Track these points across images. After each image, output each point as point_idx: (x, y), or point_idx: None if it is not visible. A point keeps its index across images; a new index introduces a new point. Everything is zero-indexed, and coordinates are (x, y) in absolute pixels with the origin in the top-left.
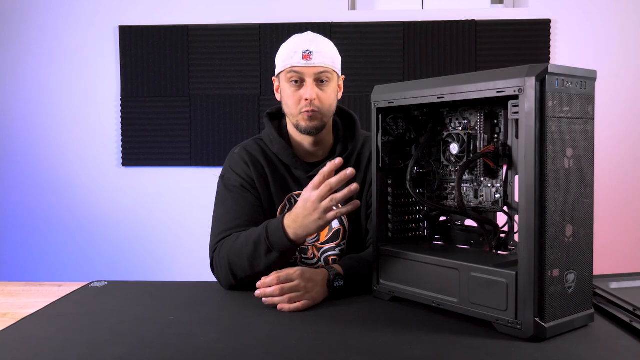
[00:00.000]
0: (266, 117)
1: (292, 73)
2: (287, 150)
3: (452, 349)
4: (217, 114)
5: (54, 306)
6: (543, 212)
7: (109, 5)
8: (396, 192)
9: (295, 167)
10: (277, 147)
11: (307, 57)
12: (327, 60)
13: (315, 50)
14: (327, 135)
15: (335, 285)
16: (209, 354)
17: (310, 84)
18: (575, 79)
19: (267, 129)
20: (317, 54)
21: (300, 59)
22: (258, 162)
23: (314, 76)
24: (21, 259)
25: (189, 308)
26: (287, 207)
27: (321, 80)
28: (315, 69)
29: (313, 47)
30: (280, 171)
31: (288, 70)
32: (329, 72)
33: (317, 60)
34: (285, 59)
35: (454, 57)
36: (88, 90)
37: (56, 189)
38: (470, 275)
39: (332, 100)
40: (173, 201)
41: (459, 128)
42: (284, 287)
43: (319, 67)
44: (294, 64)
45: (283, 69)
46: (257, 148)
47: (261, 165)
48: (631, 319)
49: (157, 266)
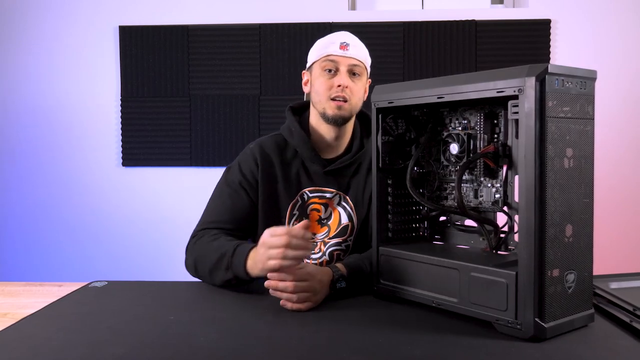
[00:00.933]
0: (288, 110)
1: (327, 62)
2: (307, 142)
3: (452, 349)
4: (217, 114)
5: (54, 306)
6: (543, 212)
7: (109, 5)
8: (396, 192)
9: (312, 160)
10: (296, 139)
11: (344, 48)
12: (361, 54)
13: (352, 44)
14: (348, 130)
15: (338, 286)
16: (209, 354)
17: (344, 73)
18: (575, 79)
19: (287, 121)
20: (354, 47)
21: (337, 49)
22: (269, 160)
23: (348, 66)
24: (21, 259)
25: (189, 308)
26: (299, 203)
27: (354, 72)
28: (350, 60)
29: (350, 40)
30: (294, 169)
31: (323, 59)
32: (362, 67)
33: (352, 52)
34: (321, 48)
35: (454, 57)
36: (88, 90)
37: (56, 189)
38: (470, 275)
39: (361, 95)
40: (173, 201)
41: (459, 128)
42: (298, 286)
43: (354, 58)
44: (330, 52)
45: (318, 57)
46: (273, 145)
47: (272, 165)
48: (631, 319)
49: (157, 266)
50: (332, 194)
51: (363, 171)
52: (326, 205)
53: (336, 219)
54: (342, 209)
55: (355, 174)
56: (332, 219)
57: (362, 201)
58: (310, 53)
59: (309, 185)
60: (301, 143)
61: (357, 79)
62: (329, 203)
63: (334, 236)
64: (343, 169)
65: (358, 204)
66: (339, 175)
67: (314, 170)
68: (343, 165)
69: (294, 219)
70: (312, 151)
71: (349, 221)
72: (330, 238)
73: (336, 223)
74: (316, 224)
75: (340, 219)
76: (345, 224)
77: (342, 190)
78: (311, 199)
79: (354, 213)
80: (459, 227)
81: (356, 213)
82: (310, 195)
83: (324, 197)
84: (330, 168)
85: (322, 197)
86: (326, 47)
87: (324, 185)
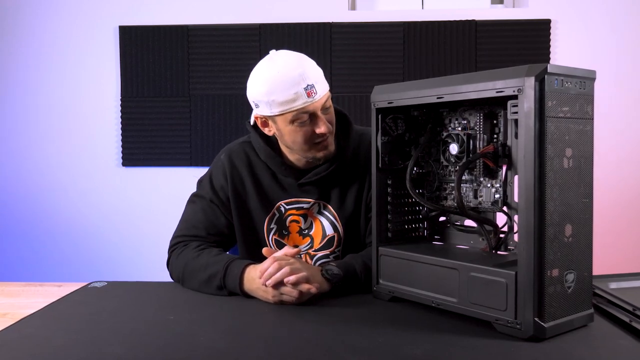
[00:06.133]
0: (249, 126)
1: (302, 114)
2: (275, 159)
3: (452, 349)
4: (217, 114)
5: (54, 306)
6: (542, 212)
7: (109, 5)
8: (396, 192)
9: (285, 174)
10: (264, 155)
11: (311, 94)
12: (324, 85)
13: (314, 82)
14: None
15: (330, 274)
16: (209, 354)
17: (322, 118)
18: (575, 79)
19: (253, 138)
20: (316, 82)
21: (306, 98)
22: (239, 174)
23: (321, 108)
24: (21, 259)
25: (189, 308)
26: (276, 216)
27: (326, 107)
28: (321, 101)
29: (310, 78)
30: (267, 180)
31: (295, 114)
32: (327, 94)
33: (319, 91)
34: (285, 102)
35: (454, 57)
36: (88, 90)
37: (56, 189)
38: (470, 275)
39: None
40: (173, 201)
41: (459, 128)
42: (281, 263)
43: (323, 97)
44: (299, 106)
45: (285, 111)
46: (243, 155)
47: (241, 179)
48: (631, 319)
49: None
50: (309, 203)
51: (345, 178)
52: (305, 216)
53: (318, 229)
54: (324, 219)
55: (335, 183)
56: (313, 229)
57: (347, 209)
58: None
59: (284, 197)
60: (270, 160)
61: (329, 109)
62: (307, 213)
63: (320, 248)
64: (320, 180)
65: (342, 213)
66: (316, 185)
67: (287, 182)
68: (318, 177)
69: (271, 233)
70: (282, 165)
71: (334, 232)
72: (315, 250)
73: (320, 234)
74: (297, 236)
75: (324, 230)
76: (331, 235)
77: (322, 199)
78: (288, 211)
79: (338, 222)
80: (458, 227)
81: (341, 222)
82: (287, 207)
83: (301, 207)
84: (304, 181)
85: (300, 207)
86: (293, 101)
87: (300, 195)
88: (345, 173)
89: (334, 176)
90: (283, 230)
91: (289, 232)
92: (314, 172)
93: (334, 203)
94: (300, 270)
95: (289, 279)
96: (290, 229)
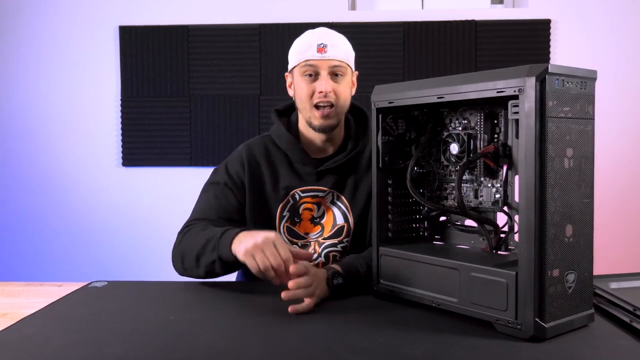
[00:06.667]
0: (274, 113)
1: (306, 67)
2: (296, 145)
3: (452, 349)
4: (217, 114)
5: (54, 306)
6: (543, 212)
7: (109, 5)
8: (396, 192)
9: (304, 162)
10: (285, 143)
11: (321, 50)
12: (341, 54)
13: (330, 44)
14: (339, 131)
15: (335, 283)
16: (209, 354)
17: (325, 77)
18: (575, 79)
19: (275, 125)
20: (332, 47)
21: (315, 52)
22: (256, 162)
23: (328, 69)
24: (21, 259)
25: (189, 308)
26: (290, 203)
27: (335, 74)
28: (330, 62)
29: (327, 40)
30: (283, 169)
31: (302, 64)
32: (344, 66)
33: (331, 53)
34: (299, 52)
35: (454, 57)
36: (88, 90)
37: (56, 189)
38: (470, 275)
39: (347, 95)
40: (173, 201)
41: (459, 128)
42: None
43: (334, 60)
44: (308, 57)
45: (297, 63)
46: (262, 146)
47: (258, 166)
48: (631, 319)
49: (157, 266)
50: (324, 192)
51: (360, 171)
52: (319, 204)
53: (330, 218)
54: (337, 209)
55: (350, 174)
56: (325, 218)
57: (359, 201)
58: (290, 54)
59: (300, 185)
60: (290, 146)
61: (340, 79)
62: (321, 202)
63: (329, 237)
64: (337, 168)
65: (354, 204)
66: (333, 174)
67: (305, 171)
68: (336, 164)
69: (284, 220)
70: (302, 153)
71: (345, 222)
72: (325, 238)
73: (330, 223)
74: (309, 223)
75: (335, 219)
76: (341, 225)
77: (336, 188)
78: (303, 199)
79: (349, 213)
80: (459, 227)
81: (352, 213)
82: (302, 195)
83: (316, 195)
84: (322, 168)
85: (315, 195)
86: (304, 52)
87: (316, 184)
88: (361, 165)
89: (350, 166)
90: (295, 218)
91: (301, 220)
92: (332, 160)
93: (347, 194)
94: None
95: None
96: (303, 216)
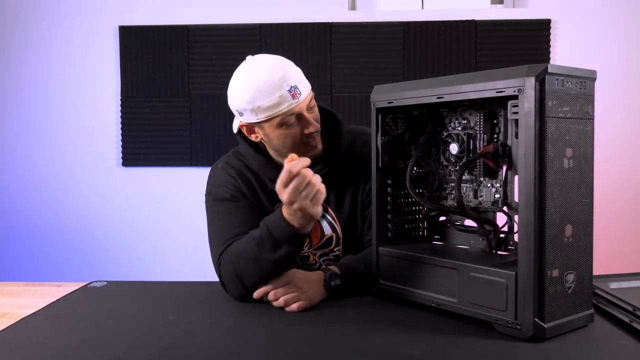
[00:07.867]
0: (238, 135)
1: (288, 117)
2: (268, 165)
3: (452, 349)
4: (217, 114)
5: (53, 306)
6: (543, 212)
7: (109, 5)
8: (396, 192)
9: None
10: (256, 164)
11: (295, 95)
12: (305, 83)
13: (297, 82)
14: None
15: (332, 284)
16: (209, 354)
17: (309, 117)
18: (575, 79)
19: (242, 147)
20: (299, 82)
21: (291, 100)
22: (243, 174)
23: (306, 108)
24: (21, 259)
25: (189, 308)
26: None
27: (310, 106)
28: (306, 101)
29: (293, 78)
30: (266, 183)
31: (282, 117)
32: (310, 93)
33: (302, 90)
34: (270, 107)
35: (454, 57)
36: (88, 90)
37: (56, 189)
38: (470, 276)
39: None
40: (173, 201)
41: (459, 128)
42: (277, 292)
43: (307, 95)
44: (285, 110)
45: (270, 117)
46: (239, 162)
47: (247, 177)
48: (631, 319)
49: (157, 266)
50: None
51: (340, 176)
52: None
53: (316, 229)
54: (322, 219)
55: (330, 182)
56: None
57: (344, 210)
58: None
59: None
60: (263, 167)
61: (314, 107)
62: None
63: (319, 247)
64: None
65: (340, 211)
66: None
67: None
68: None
69: None
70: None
71: (332, 232)
72: (315, 250)
73: (317, 235)
74: None
75: (323, 230)
76: (329, 235)
77: None
78: None
79: (336, 223)
80: (458, 227)
81: (340, 223)
82: None
83: None
84: None
85: None
86: (277, 104)
87: None
88: (341, 173)
89: (330, 177)
90: None
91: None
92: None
93: (332, 204)
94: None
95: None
96: None
